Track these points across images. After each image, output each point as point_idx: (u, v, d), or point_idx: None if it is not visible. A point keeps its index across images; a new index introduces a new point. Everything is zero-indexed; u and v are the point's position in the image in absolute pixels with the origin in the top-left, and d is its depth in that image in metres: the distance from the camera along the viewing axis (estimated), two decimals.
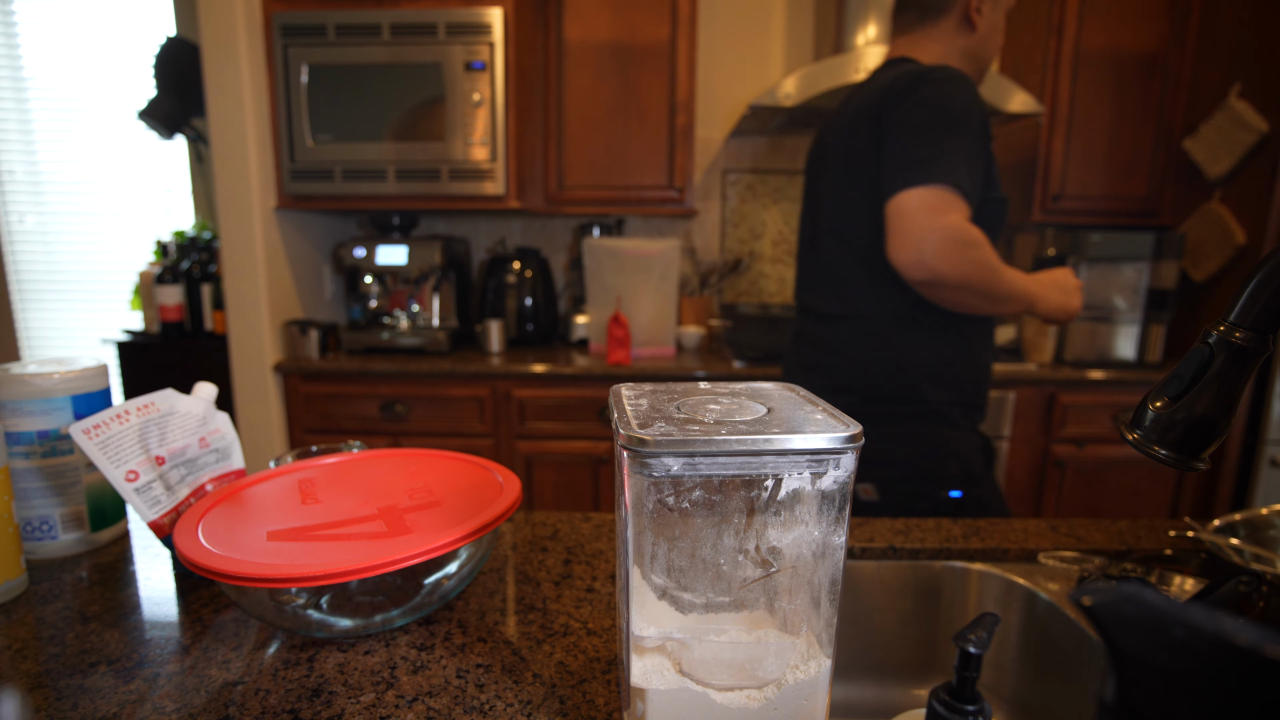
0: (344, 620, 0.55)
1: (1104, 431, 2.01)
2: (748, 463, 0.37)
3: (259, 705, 0.47)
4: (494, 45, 1.92)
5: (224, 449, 0.71)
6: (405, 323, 2.22)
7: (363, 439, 1.57)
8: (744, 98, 2.41)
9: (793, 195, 2.50)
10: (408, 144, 1.98)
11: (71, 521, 0.69)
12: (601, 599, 0.62)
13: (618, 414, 0.41)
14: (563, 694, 0.49)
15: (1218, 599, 0.59)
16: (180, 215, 2.73)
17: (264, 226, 2.01)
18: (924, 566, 0.74)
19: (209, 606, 0.60)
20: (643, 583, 0.40)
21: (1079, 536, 0.78)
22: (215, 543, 0.52)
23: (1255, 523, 0.71)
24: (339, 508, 0.59)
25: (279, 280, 2.09)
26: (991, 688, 0.72)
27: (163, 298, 2.32)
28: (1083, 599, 0.21)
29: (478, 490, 0.62)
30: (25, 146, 2.71)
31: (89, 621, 0.58)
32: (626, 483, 0.38)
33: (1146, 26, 2.07)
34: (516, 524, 0.79)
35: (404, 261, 2.14)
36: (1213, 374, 0.46)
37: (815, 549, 0.40)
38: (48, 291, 2.83)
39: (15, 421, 0.66)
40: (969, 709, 0.37)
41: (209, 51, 1.90)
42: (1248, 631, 0.17)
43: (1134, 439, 0.49)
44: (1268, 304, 0.44)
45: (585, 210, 2.21)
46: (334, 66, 1.95)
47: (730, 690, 0.40)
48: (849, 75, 1.89)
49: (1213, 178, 2.04)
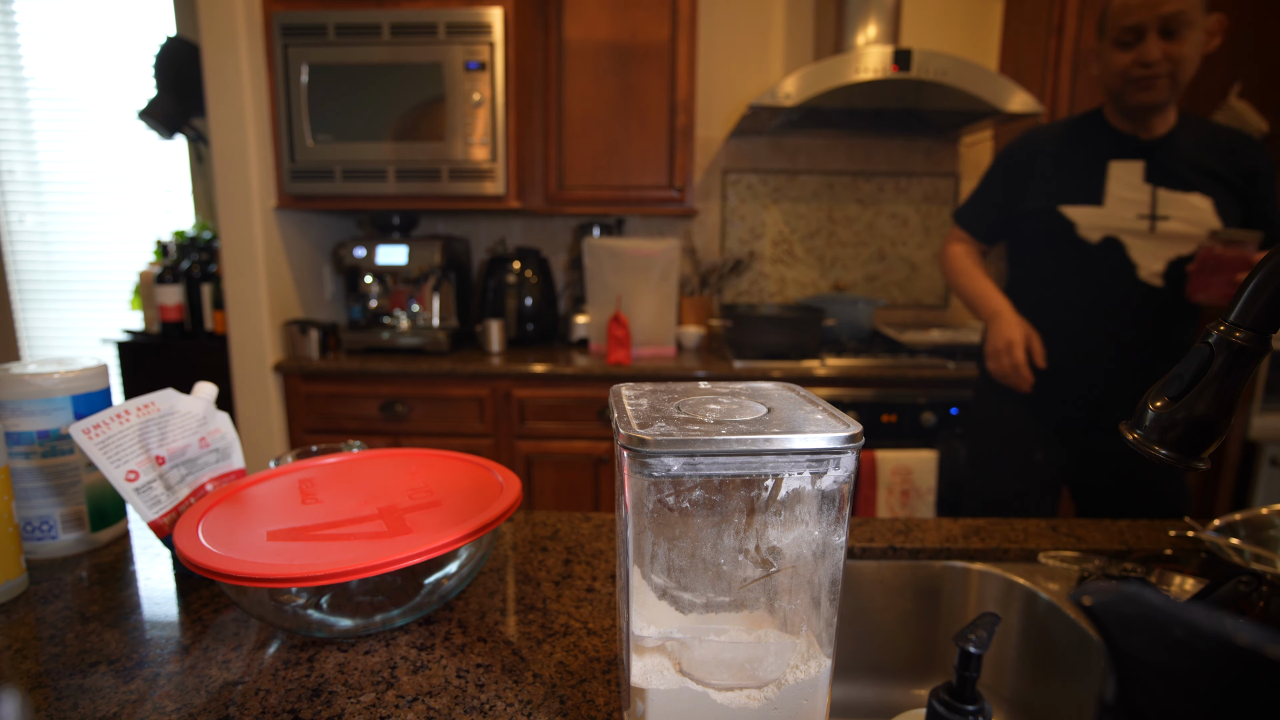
0: (344, 620, 0.55)
1: None
2: (748, 463, 0.37)
3: (259, 705, 0.47)
4: (494, 45, 1.92)
5: (224, 449, 0.71)
6: (405, 323, 2.22)
7: (363, 439, 1.57)
8: (744, 98, 2.41)
9: (793, 195, 2.50)
10: (408, 144, 1.98)
11: (71, 521, 0.69)
12: (601, 599, 0.62)
13: (618, 414, 0.41)
14: (563, 694, 0.49)
15: (1218, 599, 0.59)
16: (180, 215, 2.73)
17: (264, 226, 2.01)
18: (924, 566, 0.74)
19: (209, 606, 0.60)
20: (643, 583, 0.40)
21: (1079, 536, 0.78)
22: (215, 543, 0.52)
23: (1255, 523, 0.71)
24: (339, 508, 0.59)
25: (279, 280, 2.09)
26: (991, 688, 0.72)
27: (163, 298, 2.32)
28: (1083, 599, 0.21)
29: (478, 490, 0.62)
30: (25, 146, 2.71)
31: (89, 621, 0.58)
32: (626, 483, 0.38)
33: None
34: (516, 524, 0.79)
35: (404, 261, 2.14)
36: (1213, 374, 0.46)
37: (815, 549, 0.40)
38: (48, 291, 2.83)
39: (15, 421, 0.66)
40: (969, 709, 0.37)
41: (209, 51, 1.90)
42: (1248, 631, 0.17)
43: (1134, 439, 0.49)
44: (1268, 304, 0.44)
45: (585, 210, 2.21)
46: (334, 66, 1.95)
47: (730, 690, 0.40)
48: (849, 75, 1.89)
49: None
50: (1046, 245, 1.34)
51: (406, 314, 2.24)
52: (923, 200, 2.50)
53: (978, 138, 2.44)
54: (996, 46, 2.40)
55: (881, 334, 2.32)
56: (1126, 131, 1.28)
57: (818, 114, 2.10)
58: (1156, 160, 1.26)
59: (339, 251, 2.17)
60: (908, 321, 2.57)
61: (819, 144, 2.46)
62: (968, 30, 2.40)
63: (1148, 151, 1.27)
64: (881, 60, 1.88)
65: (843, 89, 1.91)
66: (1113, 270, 1.28)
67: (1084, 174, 1.30)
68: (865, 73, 1.89)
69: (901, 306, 2.58)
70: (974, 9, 2.39)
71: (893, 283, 2.56)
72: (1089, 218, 1.28)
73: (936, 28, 2.39)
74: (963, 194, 2.50)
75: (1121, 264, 1.28)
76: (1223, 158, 1.25)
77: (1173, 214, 1.24)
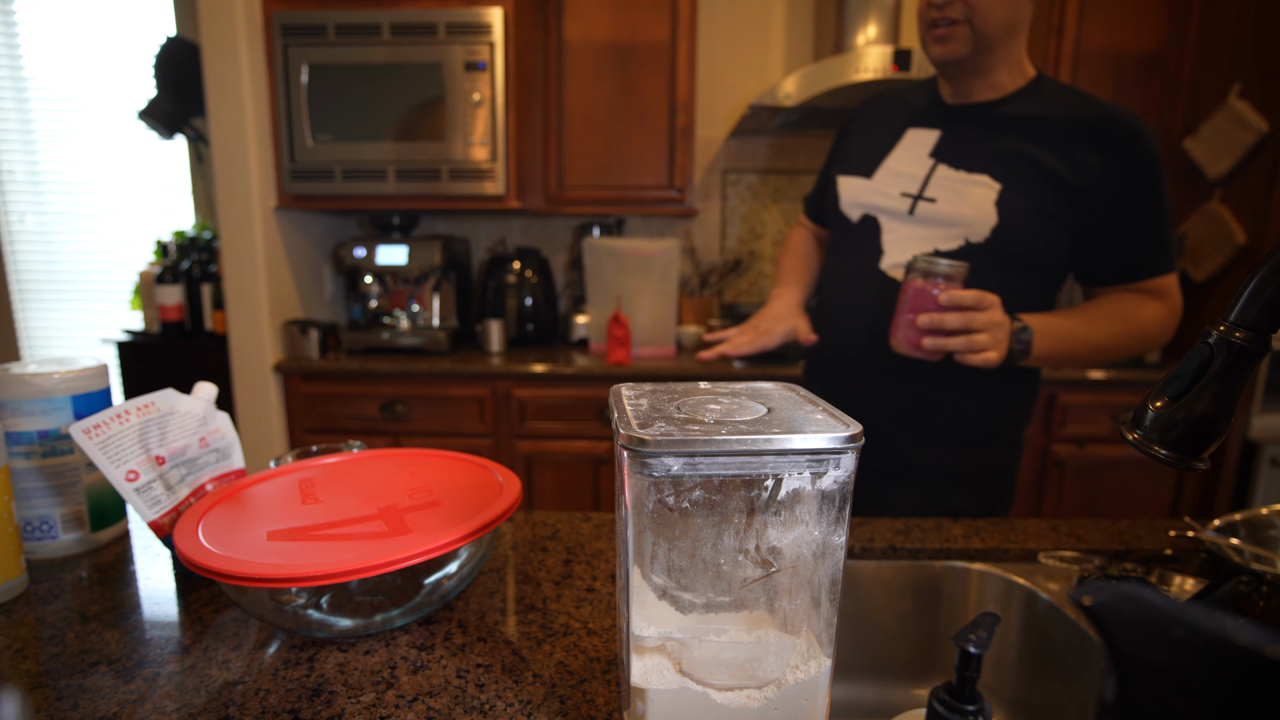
0: (344, 620, 0.55)
1: (1104, 431, 2.01)
2: (748, 463, 0.37)
3: (259, 705, 0.47)
4: (494, 45, 1.92)
5: (224, 449, 0.71)
6: (405, 323, 2.22)
7: (363, 439, 1.57)
8: (744, 98, 2.41)
9: (793, 195, 2.50)
10: (408, 144, 1.98)
11: (71, 521, 0.69)
12: (601, 599, 0.62)
13: (618, 414, 0.41)
14: (563, 694, 0.49)
15: (1218, 599, 0.59)
16: (180, 215, 2.73)
17: (264, 226, 2.01)
18: (924, 566, 0.74)
19: (209, 606, 0.60)
20: (643, 583, 0.40)
21: (1079, 536, 0.78)
22: (215, 543, 0.52)
23: (1255, 523, 0.71)
24: (339, 508, 0.59)
25: (279, 280, 2.09)
26: (991, 688, 0.72)
27: (163, 298, 2.32)
28: (1083, 599, 0.21)
29: (478, 490, 0.62)
30: (25, 146, 2.71)
31: (89, 621, 0.58)
32: (626, 483, 0.38)
33: (1146, 26, 2.07)
34: (516, 524, 0.79)
35: (404, 261, 2.14)
36: (1213, 374, 0.46)
37: (815, 549, 0.40)
38: (48, 291, 2.83)
39: (15, 421, 0.66)
40: (969, 709, 0.37)
41: (209, 51, 1.90)
42: (1248, 631, 0.17)
43: (1134, 439, 0.49)
44: (1268, 304, 0.44)
45: (585, 210, 2.21)
46: (334, 66, 1.95)
47: (730, 690, 0.40)
48: (849, 75, 1.89)
49: (1213, 177, 2.04)
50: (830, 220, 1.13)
51: (406, 314, 2.24)
52: None
53: None
54: None
55: None
56: (944, 97, 1.04)
57: (818, 114, 2.10)
58: (953, 129, 1.01)
59: (339, 251, 2.17)
60: None
61: (819, 144, 2.46)
62: None
63: (948, 119, 1.02)
64: (881, 60, 1.88)
65: (843, 89, 1.91)
66: (864, 256, 1.04)
67: (877, 139, 1.08)
68: (865, 73, 1.89)
69: None
70: None
71: None
72: (852, 190, 1.07)
73: None
74: None
75: (873, 250, 1.03)
76: (1053, 140, 0.94)
77: (941, 196, 0.98)
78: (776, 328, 1.07)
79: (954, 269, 0.87)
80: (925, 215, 0.99)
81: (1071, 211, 0.95)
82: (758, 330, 1.06)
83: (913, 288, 0.89)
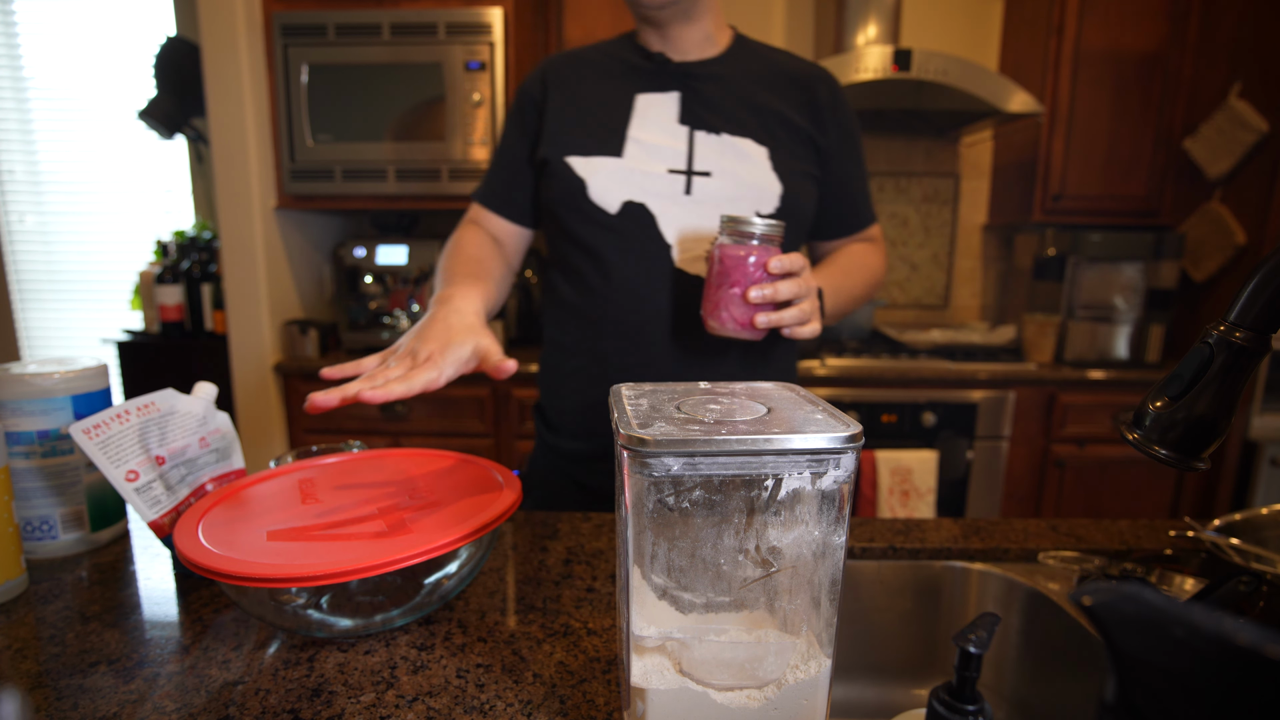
0: (344, 620, 0.55)
1: (1104, 431, 2.01)
2: (748, 463, 0.37)
3: (259, 705, 0.47)
4: (494, 45, 1.92)
5: (224, 449, 0.71)
6: (405, 323, 2.22)
7: (363, 439, 1.57)
8: None
9: None
10: (408, 144, 1.98)
11: (71, 521, 0.69)
12: (601, 599, 0.62)
13: (618, 414, 0.41)
14: (563, 694, 0.49)
15: (1218, 599, 0.59)
16: (180, 215, 2.73)
17: (264, 226, 2.01)
18: (924, 566, 0.74)
19: (209, 606, 0.60)
20: (643, 583, 0.40)
21: (1079, 536, 0.78)
22: (215, 543, 0.52)
23: (1255, 523, 0.71)
24: (339, 508, 0.59)
25: (279, 280, 2.09)
26: (991, 688, 0.72)
27: (163, 298, 2.32)
28: (1083, 599, 0.21)
29: (478, 490, 0.62)
30: (25, 146, 2.71)
31: (89, 621, 0.58)
32: (627, 483, 0.38)
33: (1146, 26, 2.07)
34: (516, 524, 0.79)
35: (404, 261, 2.14)
36: (1213, 374, 0.46)
37: (815, 549, 0.40)
38: (48, 291, 2.83)
39: (15, 421, 0.66)
40: (969, 709, 0.37)
41: (209, 51, 1.90)
42: (1248, 631, 0.17)
43: (1134, 439, 0.49)
44: (1268, 304, 0.44)
45: None
46: (334, 66, 1.95)
47: (730, 690, 0.40)
48: (849, 75, 1.89)
49: (1213, 177, 2.04)
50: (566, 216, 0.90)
51: (406, 314, 2.24)
52: (922, 200, 2.50)
53: (978, 138, 2.44)
54: (997, 46, 2.40)
55: (881, 334, 2.32)
56: (657, 51, 0.90)
57: None
58: (692, 91, 0.88)
59: (339, 251, 2.17)
60: (908, 321, 2.57)
61: None
62: (968, 30, 2.40)
63: (682, 79, 0.89)
64: (881, 60, 1.88)
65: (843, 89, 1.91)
66: (643, 254, 0.87)
67: (603, 110, 0.90)
68: (865, 73, 1.89)
69: (902, 306, 2.58)
70: (974, 9, 2.39)
71: (893, 283, 2.56)
72: (601, 174, 0.87)
73: (936, 28, 2.39)
74: (963, 194, 2.51)
75: (654, 246, 0.86)
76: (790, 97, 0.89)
77: (715, 168, 0.86)
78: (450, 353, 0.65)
79: (772, 228, 0.73)
80: (705, 193, 0.86)
81: (820, 169, 0.92)
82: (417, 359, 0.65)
83: (729, 255, 0.73)
